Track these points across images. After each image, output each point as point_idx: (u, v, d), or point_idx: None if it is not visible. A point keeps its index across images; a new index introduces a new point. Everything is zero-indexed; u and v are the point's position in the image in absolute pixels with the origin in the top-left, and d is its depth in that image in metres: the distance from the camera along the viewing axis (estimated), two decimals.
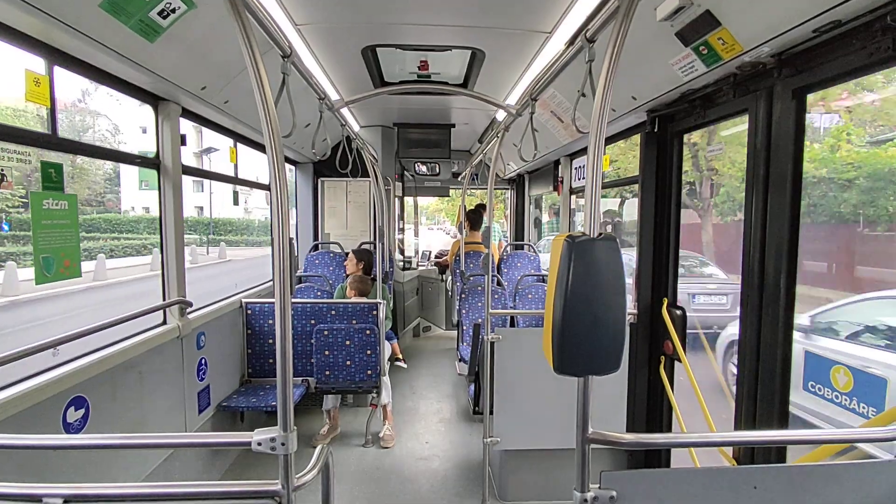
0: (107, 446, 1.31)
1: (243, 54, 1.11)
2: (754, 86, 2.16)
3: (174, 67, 2.43)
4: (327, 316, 4.00)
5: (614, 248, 1.06)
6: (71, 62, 2.09)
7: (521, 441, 2.97)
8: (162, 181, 2.88)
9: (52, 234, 1.97)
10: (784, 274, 2.04)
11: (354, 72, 3.61)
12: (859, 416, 1.75)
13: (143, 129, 30.76)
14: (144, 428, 2.59)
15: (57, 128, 2.09)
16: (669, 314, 2.91)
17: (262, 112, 1.12)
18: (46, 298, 12.43)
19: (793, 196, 2.01)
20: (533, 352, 2.88)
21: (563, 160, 5.01)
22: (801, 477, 1.23)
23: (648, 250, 3.05)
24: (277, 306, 1.15)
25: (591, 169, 1.12)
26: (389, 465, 3.69)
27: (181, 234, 2.96)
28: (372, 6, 2.62)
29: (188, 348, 3.04)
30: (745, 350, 2.24)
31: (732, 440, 1.80)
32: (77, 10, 1.77)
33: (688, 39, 2.06)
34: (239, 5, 1.10)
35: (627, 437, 1.23)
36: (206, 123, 3.36)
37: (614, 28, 1.14)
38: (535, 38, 2.89)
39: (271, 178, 1.15)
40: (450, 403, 4.89)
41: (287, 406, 1.17)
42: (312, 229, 6.27)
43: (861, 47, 1.65)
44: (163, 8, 2.00)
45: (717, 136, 3.58)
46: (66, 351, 2.17)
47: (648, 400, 3.12)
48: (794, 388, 2.09)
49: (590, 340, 1.06)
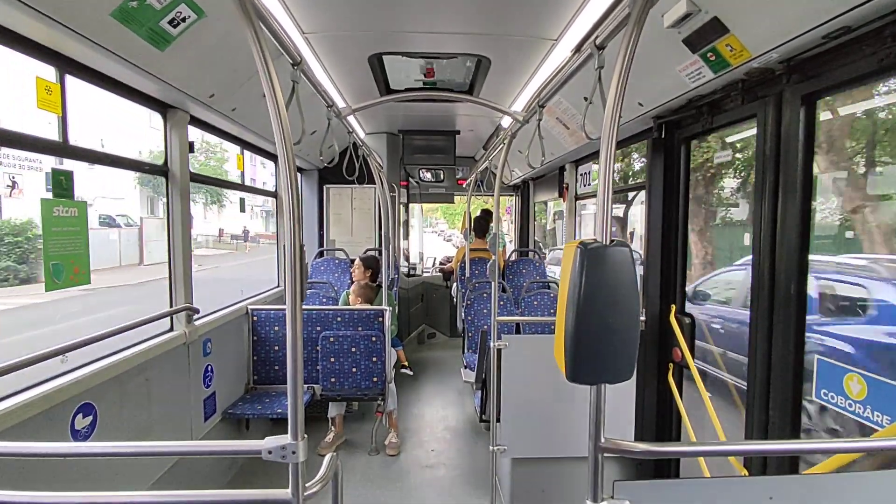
0: (116, 454, 1.30)
1: (256, 63, 1.12)
2: (762, 92, 2.15)
3: (183, 76, 2.45)
4: (333, 323, 3.99)
5: (627, 255, 1.06)
6: (82, 70, 2.11)
7: (529, 449, 2.94)
8: (170, 189, 2.90)
9: (62, 240, 1.98)
10: (795, 281, 2.02)
11: (361, 79, 3.63)
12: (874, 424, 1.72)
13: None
14: (150, 434, 2.58)
15: (68, 136, 2.10)
16: (678, 321, 2.89)
17: (274, 120, 1.12)
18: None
19: (803, 202, 2.00)
20: (540, 359, 2.86)
21: (568, 166, 5.01)
22: (817, 487, 1.21)
23: (656, 257, 3.03)
24: (289, 313, 1.15)
25: (602, 175, 1.12)
26: (395, 474, 3.67)
27: (188, 241, 2.97)
28: (379, 14, 2.64)
29: (194, 355, 3.04)
30: (755, 357, 2.22)
31: (746, 449, 1.78)
32: (88, 18, 1.79)
33: (695, 46, 2.06)
34: (252, 14, 1.11)
35: (640, 446, 1.22)
36: (213, 131, 3.38)
37: (625, 35, 1.14)
38: (541, 45, 2.90)
39: (284, 186, 1.15)
40: (455, 411, 4.87)
41: (298, 414, 1.16)
42: (318, 236, 6.28)
43: (871, 53, 1.65)
44: (173, 17, 2.02)
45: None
46: (75, 358, 2.18)
47: (657, 408, 3.09)
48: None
49: (603, 348, 1.05)
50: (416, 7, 2.55)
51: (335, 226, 6.26)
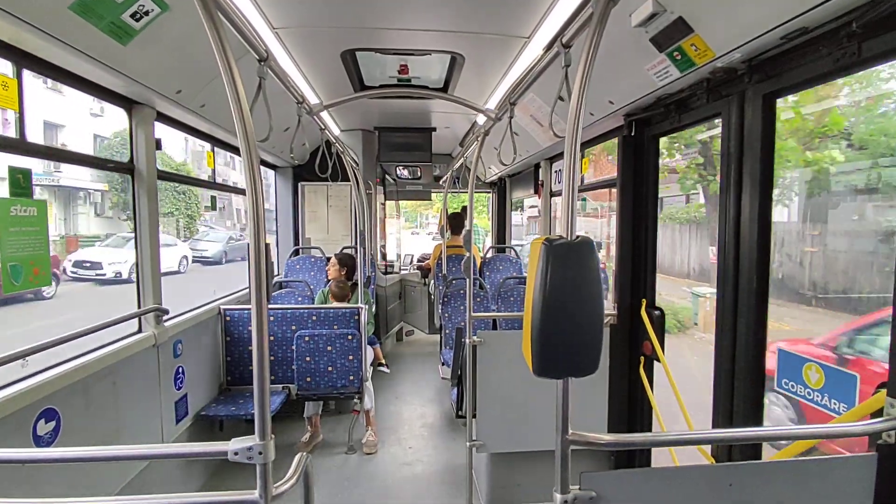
0: (78, 459, 1.27)
1: (217, 58, 1.10)
2: (726, 91, 2.21)
3: (148, 70, 2.39)
4: (308, 321, 3.95)
5: (590, 251, 1.07)
6: (41, 65, 2.04)
7: (504, 444, 2.97)
8: (136, 187, 2.82)
9: (20, 241, 1.92)
10: (756, 275, 2.09)
11: (334, 75, 3.59)
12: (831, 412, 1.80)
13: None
14: (120, 439, 2.52)
15: (25, 132, 2.03)
16: (648, 315, 2.95)
17: (236, 116, 1.10)
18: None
19: (763, 197, 2.06)
20: (515, 354, 2.88)
21: (543, 163, 5.06)
22: (775, 473, 1.26)
23: (627, 252, 3.09)
24: (254, 311, 1.13)
25: (567, 172, 1.13)
26: (372, 472, 3.66)
27: (156, 240, 2.90)
28: (351, 10, 2.61)
29: (165, 357, 2.97)
30: (720, 349, 2.28)
31: (709, 438, 1.83)
32: (45, 11, 1.73)
33: (662, 45, 2.10)
34: (212, 8, 1.08)
35: (606, 438, 1.24)
36: (182, 127, 3.30)
37: (588, 34, 1.15)
38: (513, 43, 2.91)
39: (247, 183, 1.13)
40: (433, 408, 4.88)
41: (265, 414, 1.15)
42: (293, 234, 6.20)
43: (827, 53, 1.70)
44: (135, 10, 1.97)
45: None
46: (36, 362, 2.11)
47: (629, 401, 3.15)
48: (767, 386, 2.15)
49: (568, 343, 1.07)
50: (389, 3, 2.53)
51: (311, 223, 6.19)
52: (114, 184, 18.75)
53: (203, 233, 21.33)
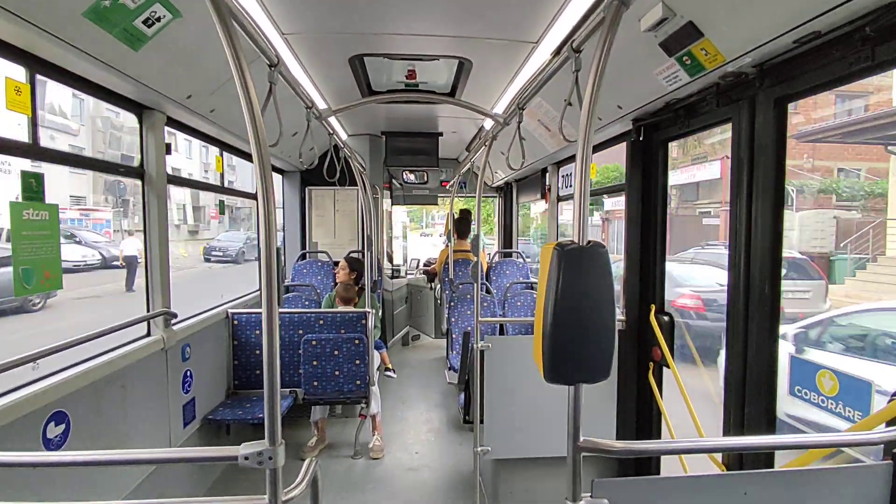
0: (88, 463, 1.27)
1: (230, 63, 1.10)
2: (737, 95, 2.19)
3: (159, 76, 2.41)
4: (315, 326, 3.96)
5: (603, 256, 1.06)
6: (53, 71, 2.06)
7: (512, 450, 2.95)
8: (146, 191, 2.84)
9: (32, 245, 1.93)
10: (769, 281, 2.07)
11: (342, 81, 3.61)
12: (845, 420, 1.77)
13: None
14: (128, 442, 2.52)
15: (38, 137, 2.05)
16: (657, 321, 2.92)
17: (248, 121, 1.10)
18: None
19: (775, 204, 2.05)
20: (523, 359, 2.87)
21: (550, 168, 5.05)
22: (790, 482, 1.24)
23: (636, 257, 3.07)
24: (265, 317, 1.13)
25: (578, 177, 1.13)
26: (379, 477, 3.65)
27: (166, 244, 2.92)
28: (359, 16, 2.62)
29: (173, 360, 2.98)
30: (732, 356, 2.26)
31: (721, 446, 1.81)
32: (59, 18, 1.75)
33: (671, 50, 2.09)
34: (225, 14, 1.09)
35: (618, 445, 1.23)
36: (191, 132, 3.32)
37: (600, 38, 1.15)
38: (521, 48, 2.92)
39: (258, 188, 1.13)
40: (439, 413, 4.86)
41: (274, 419, 1.15)
42: (300, 238, 6.22)
43: (840, 57, 1.69)
44: (148, 17, 1.99)
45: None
46: (47, 365, 2.12)
47: (638, 407, 3.13)
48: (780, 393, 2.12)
49: (580, 348, 1.06)
50: (397, 9, 2.54)
51: (318, 228, 6.21)
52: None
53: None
